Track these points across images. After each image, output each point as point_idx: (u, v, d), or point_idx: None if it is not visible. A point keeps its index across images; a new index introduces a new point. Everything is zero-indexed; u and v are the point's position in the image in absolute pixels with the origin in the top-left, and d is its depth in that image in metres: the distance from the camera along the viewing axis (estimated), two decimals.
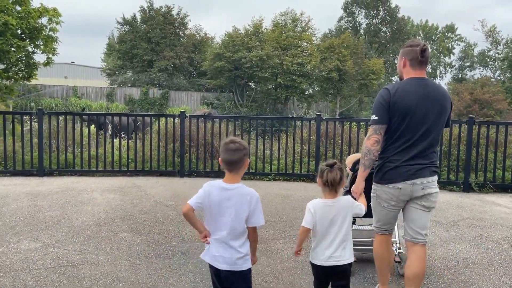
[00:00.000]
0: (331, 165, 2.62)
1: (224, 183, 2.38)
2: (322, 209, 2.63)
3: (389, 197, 2.85)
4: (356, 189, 2.92)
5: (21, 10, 14.27)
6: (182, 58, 33.96)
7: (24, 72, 15.83)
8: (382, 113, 2.81)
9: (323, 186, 2.64)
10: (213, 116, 8.14)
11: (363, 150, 2.88)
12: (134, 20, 35.16)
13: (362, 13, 45.55)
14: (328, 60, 30.93)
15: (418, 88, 2.80)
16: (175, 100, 33.11)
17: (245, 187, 2.39)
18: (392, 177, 2.81)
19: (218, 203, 2.34)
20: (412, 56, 2.84)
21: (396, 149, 2.81)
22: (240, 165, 2.38)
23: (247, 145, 2.49)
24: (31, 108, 30.80)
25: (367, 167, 2.86)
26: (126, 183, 6.97)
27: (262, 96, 31.38)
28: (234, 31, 30.95)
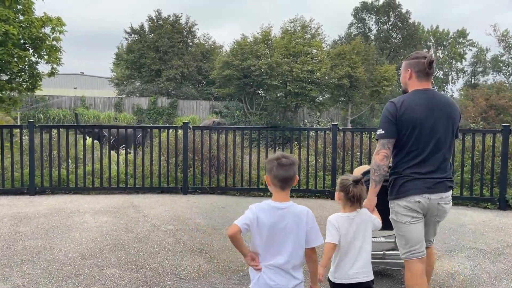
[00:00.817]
0: (357, 181, 2.59)
1: (275, 202, 2.21)
2: (346, 222, 2.57)
3: (409, 209, 2.74)
4: (369, 204, 2.81)
5: (23, 20, 13.83)
6: (190, 67, 33.62)
7: (28, 83, 15.38)
8: (389, 127, 2.75)
9: (346, 201, 2.60)
10: (218, 127, 7.47)
11: (372, 165, 2.82)
12: (142, 30, 34.94)
13: (372, 19, 44.87)
14: (338, 66, 30.33)
15: (425, 99, 2.74)
16: (183, 109, 32.79)
17: (297, 205, 2.24)
18: (409, 189, 2.72)
19: (271, 225, 2.16)
20: (419, 68, 2.79)
21: (409, 163, 2.74)
22: (293, 181, 2.26)
23: (297, 160, 2.41)
24: (39, 119, 30.59)
25: (378, 182, 2.79)
26: (123, 202, 6.33)
27: (271, 104, 30.85)
28: (242, 38, 30.49)
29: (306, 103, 30.18)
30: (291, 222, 2.17)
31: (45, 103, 31.93)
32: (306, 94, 29.22)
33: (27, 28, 13.67)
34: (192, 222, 5.30)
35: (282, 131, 7.63)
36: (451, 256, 4.24)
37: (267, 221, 2.15)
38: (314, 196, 7.03)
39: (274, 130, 8.32)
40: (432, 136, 2.71)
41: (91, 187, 6.88)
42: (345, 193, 2.59)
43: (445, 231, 5.05)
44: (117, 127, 8.26)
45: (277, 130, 8.36)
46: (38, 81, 15.19)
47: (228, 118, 30.24)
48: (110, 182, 6.93)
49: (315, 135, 7.52)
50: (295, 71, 28.33)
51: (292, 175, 2.23)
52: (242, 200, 6.64)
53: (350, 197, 2.57)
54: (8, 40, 12.75)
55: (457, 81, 56.10)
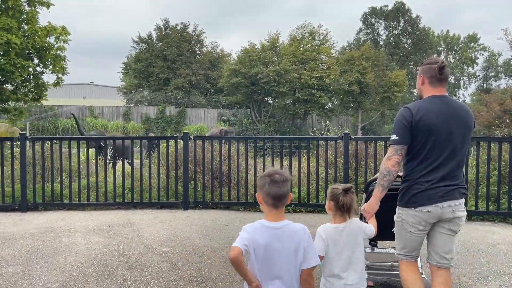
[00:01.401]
0: (346, 190, 2.56)
1: (270, 222, 2.09)
2: (334, 234, 2.55)
3: (417, 221, 2.70)
4: (370, 209, 2.81)
5: (27, 29, 13.57)
6: (198, 75, 33.42)
7: (33, 93, 15.11)
8: (403, 133, 2.69)
9: (336, 210, 2.58)
10: (220, 137, 7.00)
11: (381, 170, 2.74)
12: (150, 39, 34.85)
13: (381, 24, 44.33)
14: (348, 73, 29.88)
15: (441, 106, 2.69)
16: (191, 118, 32.61)
17: (292, 223, 2.13)
18: (421, 200, 2.66)
19: (267, 247, 2.04)
20: (431, 73, 2.75)
21: (423, 170, 2.67)
22: (287, 199, 2.13)
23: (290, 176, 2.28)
24: (47, 129, 30.50)
25: (385, 188, 2.74)
26: (119, 219, 5.87)
27: (280, 112, 30.44)
28: (250, 46, 30.16)
29: (315, 110, 29.74)
30: (288, 243, 2.06)
31: (54, 113, 31.86)
32: (315, 101, 28.78)
33: (31, 37, 13.42)
34: (190, 243, 4.81)
35: (290, 140, 7.00)
36: (484, 285, 3.69)
37: (262, 242, 2.04)
38: (324, 211, 6.50)
39: (281, 140, 7.45)
40: (448, 143, 2.66)
41: (86, 202, 6.43)
42: (335, 202, 2.56)
43: (474, 253, 4.50)
44: (114, 138, 7.80)
45: (284, 139, 7.61)
46: (43, 91, 14.95)
47: (236, 126, 29.90)
48: (107, 197, 6.47)
49: (325, 144, 6.94)
50: (304, 77, 27.91)
51: (285, 192, 2.11)
52: (246, 216, 6.14)
53: (340, 206, 2.55)
54: (10, 50, 12.49)
55: (469, 86, 55.26)
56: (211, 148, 6.49)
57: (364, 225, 2.66)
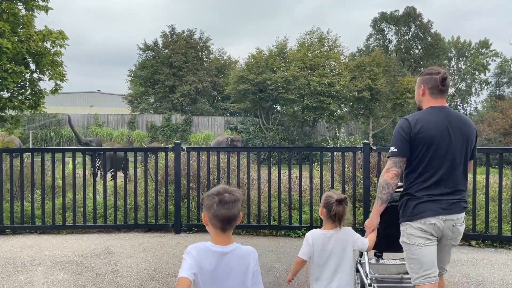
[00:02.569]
0: (340, 201, 2.58)
1: (217, 246, 1.92)
2: (321, 240, 2.57)
3: (423, 231, 2.58)
4: (371, 224, 2.78)
5: (21, 33, 12.84)
6: (205, 82, 32.69)
7: (30, 100, 14.36)
8: (402, 145, 2.63)
9: (328, 218, 2.61)
10: (218, 148, 6.05)
11: (380, 183, 2.68)
12: (156, 45, 34.25)
13: (392, 30, 43.34)
14: (358, 79, 28.96)
15: (440, 117, 2.62)
16: (198, 126, 31.94)
17: (242, 246, 1.98)
18: (423, 211, 2.58)
19: (213, 272, 1.88)
20: (432, 84, 2.68)
21: (423, 183, 2.59)
22: (236, 221, 1.95)
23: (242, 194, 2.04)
24: (51, 138, 29.92)
25: (384, 201, 2.67)
26: (97, 246, 4.95)
27: (288, 119, 29.57)
28: (257, 52, 29.36)
29: (324, 117, 28.84)
30: (236, 268, 1.92)
31: (58, 121, 31.32)
32: (325, 108, 27.89)
33: (26, 42, 12.69)
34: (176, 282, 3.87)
35: (300, 151, 5.93)
36: None
37: (209, 268, 1.89)
38: None
39: (289, 151, 6.14)
40: (447, 156, 2.61)
41: (61, 225, 5.49)
42: (327, 210, 2.59)
43: None
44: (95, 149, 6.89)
45: (292, 150, 6.45)
46: (41, 99, 14.22)
47: (243, 134, 29.12)
48: (86, 219, 5.54)
49: (342, 156, 5.72)
50: (313, 84, 27.03)
51: (235, 214, 1.94)
52: (248, 241, 5.18)
53: (332, 215, 2.57)
54: (1, 54, 11.76)
55: (481, 93, 53.85)
56: (207, 161, 5.52)
57: (356, 237, 2.65)
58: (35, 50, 13.04)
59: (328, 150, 6.02)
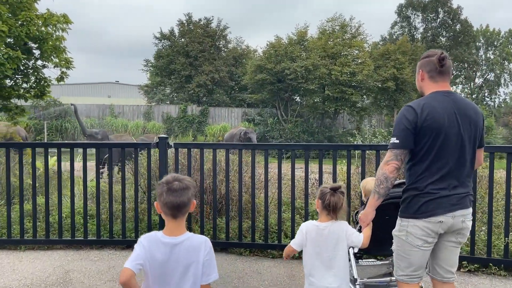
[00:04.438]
0: (335, 189, 2.58)
1: (167, 237, 1.94)
2: (315, 232, 2.56)
3: (426, 233, 2.44)
4: (365, 218, 2.64)
5: (20, 16, 11.89)
6: (222, 72, 31.64)
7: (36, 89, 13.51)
8: (404, 135, 2.44)
9: (322, 209, 2.60)
10: (214, 144, 4.87)
11: (378, 176, 2.52)
12: (172, 34, 33.32)
13: (418, 17, 41.24)
14: (383, 68, 27.41)
15: (447, 103, 2.46)
16: (214, 117, 31.11)
17: (194, 236, 1.99)
18: (432, 209, 2.42)
19: (163, 263, 1.90)
20: (430, 67, 2.55)
21: (431, 177, 2.42)
22: (187, 208, 1.99)
23: (194, 183, 2.06)
24: (66, 128, 29.47)
25: (381, 195, 2.53)
26: (54, 270, 3.89)
27: (308, 110, 28.29)
28: (276, 40, 28.06)
29: (346, 109, 27.46)
30: (186, 259, 1.92)
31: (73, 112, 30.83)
32: (346, 99, 26.57)
33: (25, 26, 11.79)
34: None
35: (321, 150, 4.59)
36: None
37: (159, 259, 1.90)
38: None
39: (306, 149, 4.52)
40: (457, 146, 2.43)
41: (19, 238, 4.47)
42: (322, 201, 2.57)
43: None
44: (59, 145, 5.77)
45: (311, 147, 4.93)
46: (46, 87, 13.43)
47: (261, 126, 28.06)
48: (48, 231, 4.46)
49: (376, 156, 4.36)
50: (334, 73, 25.65)
51: (184, 201, 1.96)
52: (252, 265, 4.08)
53: (326, 205, 2.56)
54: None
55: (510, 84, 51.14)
56: (200, 160, 4.38)
57: (350, 231, 2.60)
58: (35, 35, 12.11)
59: (357, 147, 4.77)
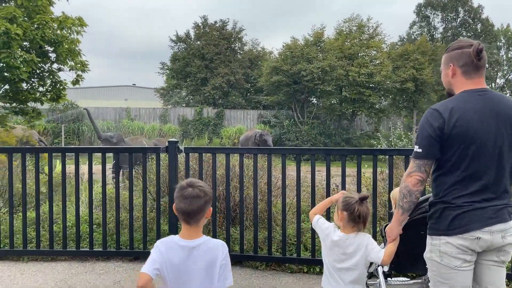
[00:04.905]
0: (363, 199, 2.44)
1: (184, 240, 1.94)
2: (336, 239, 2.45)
3: (463, 251, 2.10)
4: (391, 232, 2.38)
5: (36, 19, 11.82)
6: (237, 75, 31.48)
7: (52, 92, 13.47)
8: (429, 144, 2.12)
9: (349, 221, 2.43)
10: (225, 148, 4.55)
11: (401, 190, 2.25)
12: (188, 37, 33.30)
13: (438, 16, 40.36)
14: (401, 69, 26.81)
15: (482, 105, 2.09)
16: (230, 119, 30.98)
17: (211, 239, 1.98)
18: (466, 224, 2.08)
19: (180, 268, 1.90)
20: (464, 60, 2.15)
21: (464, 189, 2.09)
22: (200, 216, 1.97)
23: (209, 189, 2.02)
24: (83, 131, 29.65)
25: (405, 210, 2.26)
26: (56, 284, 3.64)
27: (325, 112, 27.86)
28: (292, 42, 27.71)
29: (364, 110, 26.91)
30: (203, 263, 1.91)
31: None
32: (364, 100, 26.06)
33: (41, 29, 11.72)
34: None
35: (344, 155, 4.05)
36: None
37: (176, 262, 1.90)
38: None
39: (327, 154, 4.12)
40: (494, 155, 2.08)
41: (22, 249, 4.24)
42: (349, 212, 2.42)
43: None
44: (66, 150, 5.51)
45: (331, 152, 4.37)
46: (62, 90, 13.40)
47: (277, 128, 27.76)
48: (52, 242, 4.18)
49: (405, 161, 3.91)
50: (351, 74, 25.17)
51: (194, 209, 1.93)
52: (270, 281, 3.75)
53: (355, 216, 2.40)
54: (11, 41, 10.83)
55: None
56: (213, 165, 4.08)
57: (371, 246, 2.42)
58: (51, 38, 12.03)
59: (383, 152, 4.34)
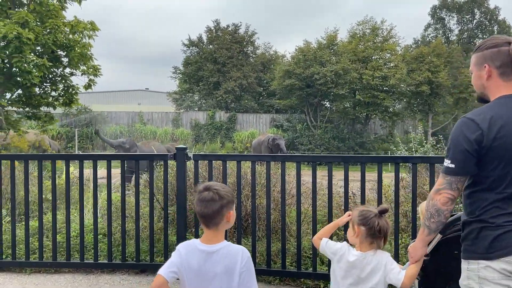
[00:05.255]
0: (383, 212, 2.23)
1: (204, 245, 1.90)
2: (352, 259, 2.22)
3: (505, 276, 1.81)
4: (414, 252, 2.14)
5: (48, 24, 11.78)
6: (249, 78, 31.34)
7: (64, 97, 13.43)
8: (463, 159, 1.85)
9: (367, 236, 2.20)
10: (236, 155, 4.32)
11: (428, 208, 1.99)
12: (200, 41, 33.30)
13: (453, 18, 39.70)
14: (416, 71, 26.35)
15: None
16: (242, 123, 30.84)
17: (232, 245, 1.92)
18: (509, 245, 1.80)
19: (200, 272, 1.86)
20: (502, 60, 1.88)
21: (504, 208, 1.83)
22: (218, 219, 1.89)
23: (229, 193, 1.93)
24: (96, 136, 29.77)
25: (432, 231, 2.02)
26: None
27: (338, 116, 27.51)
28: (305, 45, 27.47)
29: (378, 114, 26.50)
30: (223, 268, 1.86)
31: (103, 119, 31.28)
32: (378, 104, 25.66)
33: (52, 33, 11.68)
34: None
35: (363, 162, 3.67)
36: None
37: (195, 266, 1.86)
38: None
39: (345, 162, 3.72)
40: None
41: (24, 260, 4.02)
42: (367, 227, 2.20)
43: None
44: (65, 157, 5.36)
45: (349, 161, 3.84)
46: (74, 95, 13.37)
47: (289, 132, 27.50)
48: (55, 253, 3.97)
49: (430, 169, 3.51)
50: (365, 77, 24.80)
51: (209, 213, 1.88)
52: None
53: (375, 232, 2.19)
54: (23, 46, 10.79)
55: None
56: (223, 173, 3.85)
57: (390, 266, 2.19)
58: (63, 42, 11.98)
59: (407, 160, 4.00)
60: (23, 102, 12.46)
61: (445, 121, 29.32)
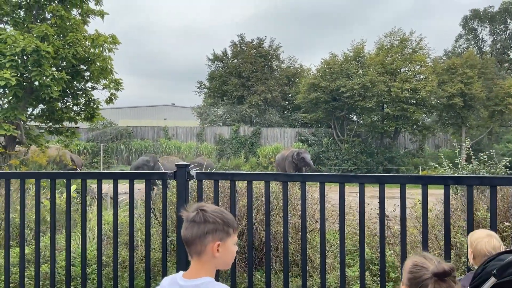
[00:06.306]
0: (442, 274, 1.55)
1: (183, 279, 1.64)
2: None
3: None
4: None
5: (68, 38, 11.63)
6: (274, 92, 30.91)
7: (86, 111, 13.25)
8: None
9: None
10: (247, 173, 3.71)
11: None
12: (225, 56, 33.25)
13: (486, 28, 38.31)
14: (448, 83, 25.24)
15: None
16: (267, 138, 30.33)
17: (213, 283, 1.59)
18: None
19: None
20: None
21: None
22: (199, 247, 1.59)
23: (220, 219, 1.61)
24: (121, 151, 29.84)
25: None
26: None
27: (366, 130, 26.61)
28: (331, 58, 26.88)
29: (407, 128, 25.47)
30: None
31: (129, 134, 31.40)
32: (408, 117, 24.66)
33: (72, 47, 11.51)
34: None
35: (402, 184, 2.99)
36: None
37: None
38: None
39: (381, 183, 3.06)
40: None
41: None
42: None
43: None
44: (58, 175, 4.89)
45: (386, 181, 3.08)
46: (95, 109, 13.18)
47: (315, 147, 26.77)
48: (54, 283, 3.54)
49: (492, 193, 2.83)
50: (394, 90, 23.92)
51: (189, 236, 1.60)
52: None
53: None
54: (41, 59, 10.63)
55: None
56: (231, 196, 3.29)
57: None
58: (83, 56, 11.79)
59: (459, 181, 3.28)
60: (46, 117, 12.35)
61: (481, 135, 27.92)
